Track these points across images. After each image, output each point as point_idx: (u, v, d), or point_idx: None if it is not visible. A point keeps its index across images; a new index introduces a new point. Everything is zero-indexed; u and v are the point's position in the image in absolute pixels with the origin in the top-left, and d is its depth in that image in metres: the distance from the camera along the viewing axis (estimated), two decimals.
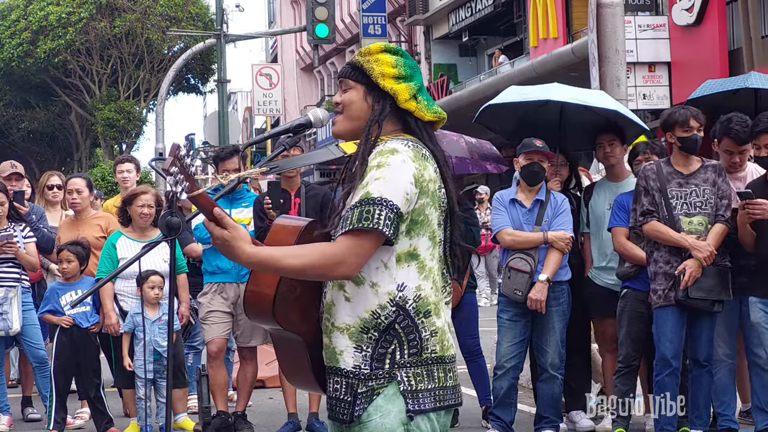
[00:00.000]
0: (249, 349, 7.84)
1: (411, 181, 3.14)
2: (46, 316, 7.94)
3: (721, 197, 6.65)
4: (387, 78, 3.27)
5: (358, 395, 3.16)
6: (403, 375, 3.15)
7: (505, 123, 8.20)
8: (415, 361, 3.16)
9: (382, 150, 3.18)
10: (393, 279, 3.16)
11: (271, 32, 44.84)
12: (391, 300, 3.15)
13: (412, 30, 35.50)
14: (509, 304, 7.17)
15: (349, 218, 3.10)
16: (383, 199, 3.09)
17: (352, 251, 3.09)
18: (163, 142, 24.92)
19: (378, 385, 3.15)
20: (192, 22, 41.09)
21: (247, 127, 56.88)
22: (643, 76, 20.38)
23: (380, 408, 3.15)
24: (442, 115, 3.33)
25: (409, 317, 3.15)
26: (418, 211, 3.17)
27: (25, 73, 41.02)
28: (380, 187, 3.10)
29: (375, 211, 3.08)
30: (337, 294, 3.20)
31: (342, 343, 3.18)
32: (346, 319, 3.17)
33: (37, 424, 8.48)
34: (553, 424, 7.21)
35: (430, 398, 3.18)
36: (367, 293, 3.16)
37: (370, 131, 3.24)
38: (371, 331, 3.15)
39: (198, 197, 3.01)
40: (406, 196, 3.13)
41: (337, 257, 3.08)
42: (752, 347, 6.77)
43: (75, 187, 8.60)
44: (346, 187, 3.25)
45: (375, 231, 3.08)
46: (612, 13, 10.06)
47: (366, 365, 3.16)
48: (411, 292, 3.16)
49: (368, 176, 3.14)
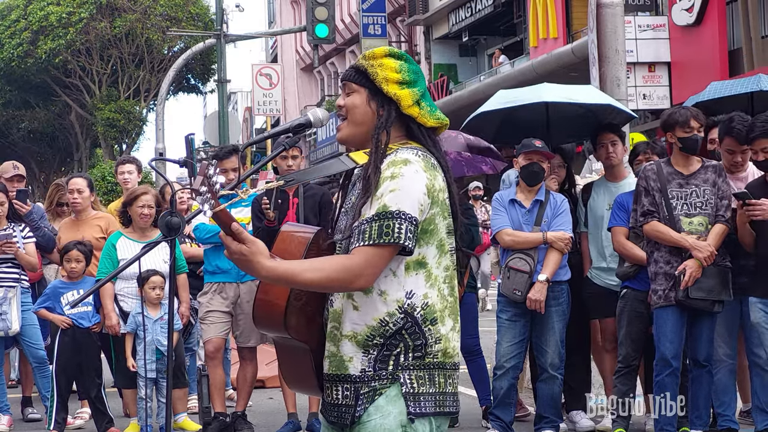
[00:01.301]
0: (249, 349, 7.84)
1: (424, 192, 3.15)
2: (42, 311, 7.92)
3: (721, 198, 6.64)
4: (390, 83, 3.27)
5: (360, 396, 3.17)
6: (406, 377, 3.16)
7: (488, 127, 8.21)
8: (418, 364, 3.17)
9: (394, 160, 3.18)
10: (402, 287, 3.17)
11: (271, 32, 44.86)
12: (400, 307, 3.16)
13: (412, 30, 35.52)
14: (509, 304, 7.17)
15: (367, 231, 3.10)
16: (401, 212, 3.10)
17: (371, 264, 3.10)
18: (163, 142, 24.91)
19: (380, 386, 3.16)
20: (192, 22, 41.10)
21: (247, 127, 56.89)
22: (643, 76, 20.40)
23: (381, 408, 3.15)
24: (444, 121, 3.33)
25: (417, 324, 3.17)
26: (428, 221, 3.18)
27: (25, 73, 41.02)
28: (396, 199, 3.11)
29: (395, 225, 3.09)
30: (345, 302, 3.20)
31: (350, 350, 3.18)
32: (354, 327, 3.18)
33: (37, 424, 8.48)
34: (553, 424, 7.21)
35: (430, 402, 3.19)
36: (375, 301, 3.16)
37: (379, 139, 3.23)
38: (377, 337, 3.16)
39: (220, 214, 3.00)
40: (420, 207, 3.14)
41: (355, 271, 3.09)
42: (752, 347, 6.77)
43: (76, 186, 8.59)
44: (358, 196, 3.23)
45: (394, 245, 3.09)
46: (612, 13, 10.05)
47: (370, 367, 3.16)
48: (419, 299, 3.18)
49: (383, 187, 3.14)
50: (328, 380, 3.24)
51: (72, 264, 7.88)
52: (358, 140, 3.33)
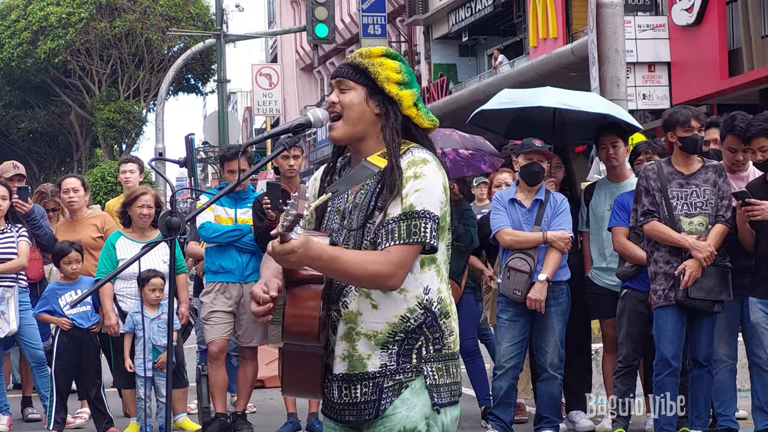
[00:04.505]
0: (250, 349, 7.84)
1: (443, 190, 3.22)
2: (44, 316, 7.93)
3: (721, 197, 6.64)
4: (392, 83, 3.29)
5: (384, 390, 3.20)
6: (429, 369, 3.22)
7: (500, 122, 8.20)
8: (437, 356, 3.24)
9: (414, 160, 3.22)
10: (419, 283, 3.22)
11: (271, 32, 44.86)
12: (420, 303, 3.22)
13: (412, 30, 35.51)
14: (509, 304, 7.17)
15: (396, 231, 3.15)
16: (426, 212, 3.16)
17: (403, 263, 3.15)
18: (162, 142, 24.91)
19: (406, 379, 3.21)
20: (192, 22, 41.07)
21: (247, 127, 56.90)
22: (643, 76, 20.38)
23: (407, 401, 3.20)
24: (436, 123, 3.39)
25: (435, 318, 3.23)
26: (442, 217, 3.24)
27: (25, 73, 40.98)
28: (421, 198, 3.17)
29: (421, 225, 3.15)
30: (363, 302, 3.22)
31: (368, 348, 3.21)
32: (374, 326, 3.21)
33: (37, 424, 8.48)
34: (553, 424, 7.21)
35: (448, 393, 3.26)
36: (395, 299, 3.20)
37: (393, 139, 3.26)
38: (399, 333, 3.20)
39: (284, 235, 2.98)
40: (441, 205, 3.21)
41: (392, 268, 3.12)
42: (752, 347, 6.77)
43: (71, 186, 8.57)
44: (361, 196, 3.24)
45: (421, 244, 3.14)
46: (612, 13, 10.06)
47: (392, 361, 3.20)
48: (435, 294, 3.24)
49: (407, 187, 3.18)
50: (344, 380, 3.24)
51: (73, 265, 7.88)
52: (354, 139, 3.32)
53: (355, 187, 3.29)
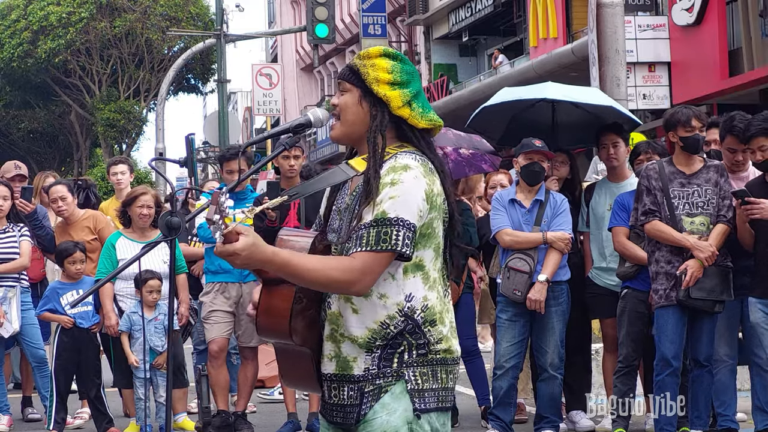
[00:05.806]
0: (250, 348, 7.84)
1: (423, 198, 3.16)
2: (45, 314, 7.93)
3: (723, 197, 6.64)
4: (381, 84, 3.26)
5: (365, 394, 3.18)
6: (411, 374, 3.17)
7: (495, 126, 8.19)
8: (421, 361, 3.19)
9: (394, 166, 3.18)
10: (401, 290, 3.18)
11: (271, 32, 44.84)
12: (400, 310, 3.17)
13: (412, 30, 35.49)
14: (508, 304, 7.17)
15: (365, 237, 3.11)
16: (399, 219, 3.11)
17: (369, 270, 3.11)
18: (163, 142, 24.91)
19: (386, 383, 3.17)
20: (192, 22, 41.06)
21: (247, 127, 56.88)
22: (643, 76, 20.37)
23: (387, 406, 3.16)
24: (437, 122, 3.31)
25: (418, 326, 3.18)
26: (426, 225, 3.19)
27: (25, 73, 40.96)
28: (395, 206, 3.12)
29: (392, 232, 3.10)
30: (344, 306, 3.20)
31: (353, 351, 3.19)
32: (355, 331, 3.18)
33: (37, 424, 8.48)
34: (553, 424, 7.21)
35: (434, 398, 3.20)
36: (375, 305, 3.17)
37: (376, 142, 3.23)
38: (379, 339, 3.17)
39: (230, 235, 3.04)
40: (419, 213, 3.15)
41: (354, 274, 3.09)
42: (752, 347, 6.76)
43: (58, 195, 8.41)
44: (354, 197, 3.24)
45: (392, 251, 3.10)
46: (612, 13, 10.07)
47: (374, 365, 3.17)
48: (419, 302, 3.19)
49: (382, 193, 3.14)
50: (333, 381, 3.24)
51: (77, 265, 7.88)
52: (351, 139, 3.33)
53: (352, 186, 3.29)
